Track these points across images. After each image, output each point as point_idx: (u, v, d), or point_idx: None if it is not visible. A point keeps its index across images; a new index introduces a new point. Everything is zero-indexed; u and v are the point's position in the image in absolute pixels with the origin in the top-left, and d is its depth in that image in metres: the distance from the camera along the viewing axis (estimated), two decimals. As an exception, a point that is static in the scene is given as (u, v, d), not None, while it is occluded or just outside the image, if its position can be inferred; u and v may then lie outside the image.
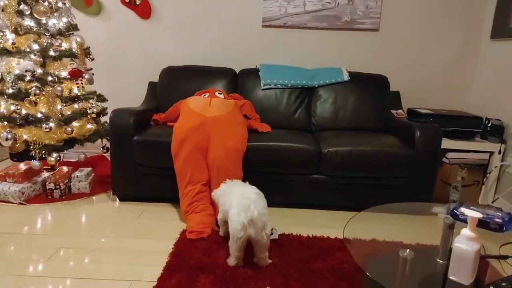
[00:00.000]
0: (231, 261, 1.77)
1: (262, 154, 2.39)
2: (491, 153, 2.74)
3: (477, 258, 1.15)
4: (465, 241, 1.15)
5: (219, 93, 2.70)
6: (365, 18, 3.12)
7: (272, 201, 2.48)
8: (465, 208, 1.21)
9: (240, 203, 1.70)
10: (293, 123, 2.90)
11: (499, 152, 2.70)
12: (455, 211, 1.52)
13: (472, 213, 1.15)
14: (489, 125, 2.76)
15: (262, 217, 1.70)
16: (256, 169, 2.41)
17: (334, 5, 3.12)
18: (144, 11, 3.19)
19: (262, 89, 2.94)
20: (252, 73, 3.01)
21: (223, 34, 3.24)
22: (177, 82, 2.95)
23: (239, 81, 3.01)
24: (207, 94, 2.66)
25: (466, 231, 1.16)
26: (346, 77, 2.96)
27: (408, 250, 1.27)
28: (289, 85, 2.94)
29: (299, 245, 2.00)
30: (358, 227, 1.74)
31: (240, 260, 1.77)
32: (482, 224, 1.47)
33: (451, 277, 1.19)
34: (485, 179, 2.78)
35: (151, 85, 3.11)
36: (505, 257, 1.38)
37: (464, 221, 1.49)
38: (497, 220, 1.45)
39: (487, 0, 3.06)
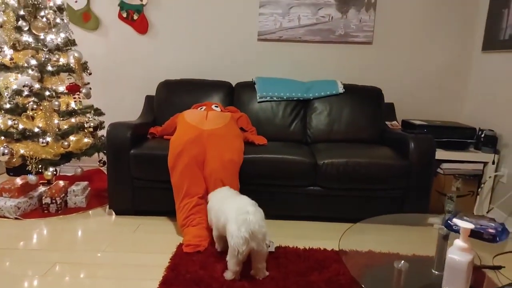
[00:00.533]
0: (229, 275, 1.77)
1: (258, 166, 2.40)
2: (485, 163, 2.77)
3: (470, 269, 1.16)
4: (458, 252, 1.16)
5: (215, 106, 2.72)
6: (359, 31, 3.18)
7: (269, 213, 2.47)
8: (458, 219, 1.22)
9: (238, 218, 1.71)
10: (289, 135, 2.92)
11: (493, 162, 2.73)
12: (449, 222, 1.53)
13: (464, 224, 1.16)
14: (483, 135, 2.80)
15: (262, 229, 1.71)
16: (252, 181, 2.42)
17: (328, 19, 3.18)
18: (141, 26, 3.24)
19: (258, 102, 2.97)
20: (248, 86, 3.05)
21: (219, 48, 3.29)
22: (174, 95, 2.98)
23: (235, 94, 3.04)
24: (204, 107, 2.69)
25: (458, 242, 1.17)
26: (341, 89, 3.00)
27: (402, 261, 1.28)
28: (284, 97, 2.97)
29: (295, 257, 2.00)
30: (354, 239, 1.75)
31: (237, 275, 1.77)
32: (475, 234, 1.48)
33: (445, 288, 1.21)
34: (479, 189, 2.80)
35: (148, 98, 3.14)
36: (498, 268, 1.39)
37: (458, 231, 1.50)
38: (490, 230, 1.47)
39: (478, 13, 3.13)
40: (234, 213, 1.74)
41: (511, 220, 2.56)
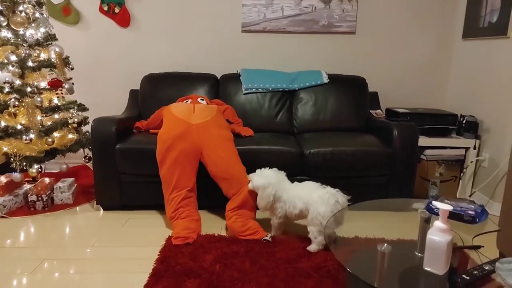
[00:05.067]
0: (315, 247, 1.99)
1: (245, 158, 2.41)
2: (467, 148, 2.84)
3: (449, 249, 1.20)
4: (438, 233, 1.20)
5: (201, 99, 2.72)
6: (342, 21, 3.20)
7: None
8: (438, 202, 1.27)
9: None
10: (275, 126, 2.94)
11: (474, 148, 2.80)
12: (430, 205, 1.58)
13: (443, 206, 1.20)
14: (464, 121, 2.86)
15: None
16: (240, 172, 2.44)
17: (311, 9, 3.18)
18: (123, 19, 3.19)
19: (244, 94, 2.98)
20: (233, 78, 3.04)
21: (203, 40, 3.27)
22: (159, 89, 2.96)
23: (220, 87, 3.04)
24: (189, 100, 2.68)
25: (438, 223, 1.21)
26: (325, 80, 3.02)
27: (385, 244, 1.32)
28: (270, 88, 2.99)
29: (284, 245, 2.04)
30: (341, 225, 1.79)
31: None
32: (456, 216, 1.53)
33: (426, 268, 1.25)
34: (462, 174, 2.88)
35: (133, 93, 3.12)
36: (478, 247, 1.44)
37: (439, 214, 1.55)
38: (470, 212, 1.52)
39: (458, 2, 3.18)
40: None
41: (492, 203, 2.64)
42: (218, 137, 2.35)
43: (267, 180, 2.09)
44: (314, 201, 1.92)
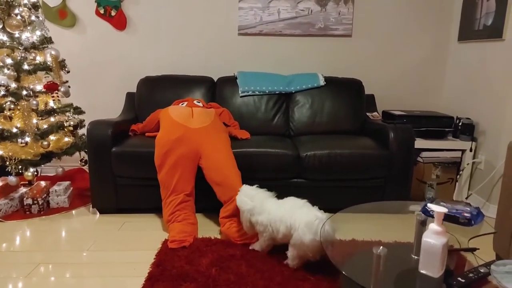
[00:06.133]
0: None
1: (242, 160, 2.41)
2: (463, 151, 2.85)
3: (445, 251, 1.20)
4: (433, 235, 1.20)
5: (197, 102, 2.72)
6: (338, 24, 3.21)
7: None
8: (433, 204, 1.27)
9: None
10: (272, 129, 2.94)
11: (471, 150, 2.81)
12: (426, 207, 1.58)
13: (438, 208, 1.20)
14: (460, 124, 2.87)
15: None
16: (236, 175, 2.44)
17: (307, 12, 3.19)
18: (120, 22, 3.19)
19: (241, 96, 2.98)
20: (230, 81, 3.05)
21: (199, 43, 3.27)
22: (155, 92, 2.96)
23: (217, 89, 3.04)
24: (186, 103, 2.68)
25: (433, 226, 1.21)
26: (322, 82, 3.03)
27: (381, 247, 1.31)
28: (266, 91, 2.99)
29: (280, 248, 2.03)
30: (338, 228, 1.78)
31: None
32: (452, 219, 1.53)
33: (422, 271, 1.25)
34: (458, 176, 2.88)
35: (129, 95, 3.11)
36: (473, 249, 1.45)
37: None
38: (466, 214, 1.52)
39: (453, 4, 3.20)
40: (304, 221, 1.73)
41: (489, 205, 2.65)
42: (216, 142, 2.35)
43: (244, 206, 1.95)
44: (300, 227, 1.72)
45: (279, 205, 1.90)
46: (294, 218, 1.76)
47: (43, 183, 2.62)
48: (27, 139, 2.47)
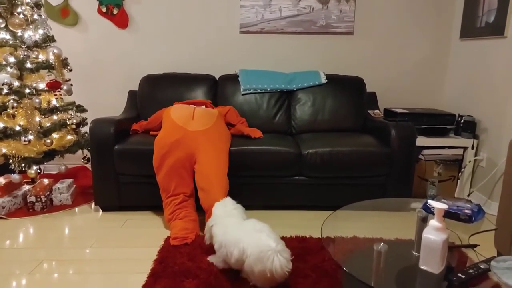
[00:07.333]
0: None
1: (244, 158, 2.42)
2: (465, 148, 2.84)
3: (445, 247, 1.21)
4: (433, 232, 1.21)
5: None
6: (340, 22, 3.21)
7: (254, 204, 2.52)
8: (434, 201, 1.27)
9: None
10: (274, 127, 2.95)
11: (472, 147, 2.80)
12: (427, 204, 1.58)
13: (438, 205, 1.21)
14: (462, 121, 2.87)
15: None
16: (239, 172, 2.44)
17: (309, 10, 3.19)
18: (122, 21, 3.20)
19: (242, 94, 2.98)
20: (232, 79, 3.05)
21: (201, 41, 3.28)
22: (157, 90, 2.97)
23: (219, 87, 3.05)
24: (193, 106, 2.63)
25: (433, 222, 1.22)
26: (323, 80, 3.03)
27: (382, 243, 1.32)
28: (268, 89, 2.99)
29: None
30: (339, 226, 1.78)
31: None
32: (453, 216, 1.54)
33: (422, 267, 1.25)
34: (460, 174, 2.88)
35: (131, 94, 3.12)
36: (474, 246, 1.45)
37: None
38: (467, 211, 1.52)
39: (455, 2, 3.19)
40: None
41: (491, 202, 2.64)
42: (211, 149, 2.31)
43: (211, 220, 1.89)
44: (253, 255, 1.57)
45: (238, 227, 1.75)
46: (248, 243, 1.62)
47: (46, 181, 2.64)
48: (30, 137, 2.48)
